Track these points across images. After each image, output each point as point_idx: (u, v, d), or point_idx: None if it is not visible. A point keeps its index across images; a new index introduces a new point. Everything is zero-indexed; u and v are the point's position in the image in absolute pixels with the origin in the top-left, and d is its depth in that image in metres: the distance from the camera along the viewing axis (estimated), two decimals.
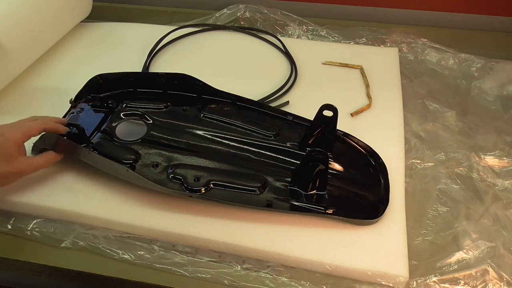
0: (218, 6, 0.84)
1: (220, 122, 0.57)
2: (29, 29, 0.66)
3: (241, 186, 0.50)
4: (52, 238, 0.49)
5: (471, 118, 0.63)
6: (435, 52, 0.74)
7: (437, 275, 0.45)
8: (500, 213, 0.50)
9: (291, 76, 0.69)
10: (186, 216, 0.49)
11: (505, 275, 0.45)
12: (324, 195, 0.50)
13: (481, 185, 0.54)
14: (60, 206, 0.50)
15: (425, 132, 0.60)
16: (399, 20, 0.82)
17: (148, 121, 0.57)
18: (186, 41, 0.77)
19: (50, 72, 0.70)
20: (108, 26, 0.81)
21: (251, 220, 0.49)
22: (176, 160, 0.52)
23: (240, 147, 0.54)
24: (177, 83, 0.61)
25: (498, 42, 0.78)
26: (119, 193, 0.51)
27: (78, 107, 0.58)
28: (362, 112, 0.62)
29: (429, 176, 0.55)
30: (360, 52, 0.74)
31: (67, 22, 0.76)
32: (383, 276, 0.45)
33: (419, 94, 0.66)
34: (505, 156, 0.58)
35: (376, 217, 0.48)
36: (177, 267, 0.46)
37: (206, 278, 0.46)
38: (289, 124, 0.57)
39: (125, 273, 0.46)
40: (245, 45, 0.76)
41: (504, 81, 0.69)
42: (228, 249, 0.48)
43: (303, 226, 0.49)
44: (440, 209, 0.52)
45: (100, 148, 0.53)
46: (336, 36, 0.78)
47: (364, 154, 0.54)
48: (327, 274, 0.46)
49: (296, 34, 0.80)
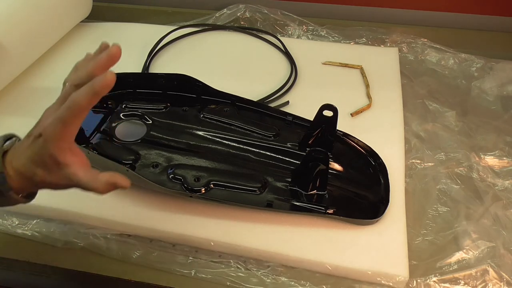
0: (218, 6, 0.84)
1: (220, 123, 0.57)
2: (29, 29, 0.66)
3: (241, 186, 0.50)
4: (52, 238, 0.49)
5: (471, 118, 0.63)
6: (435, 52, 0.73)
7: (437, 275, 0.45)
8: (500, 213, 0.50)
9: (291, 76, 0.69)
10: (186, 216, 0.49)
11: (505, 275, 0.45)
12: (324, 195, 0.50)
13: (481, 185, 0.54)
14: (60, 206, 0.50)
15: (425, 132, 0.60)
16: (399, 20, 0.82)
17: (148, 122, 0.57)
18: (186, 41, 0.77)
19: (50, 72, 0.70)
20: (108, 26, 0.81)
21: (251, 220, 0.49)
22: (176, 160, 0.52)
23: (240, 148, 0.54)
24: (177, 83, 0.61)
25: (498, 42, 0.77)
26: (119, 193, 0.51)
27: None
28: (362, 112, 0.62)
29: (429, 176, 0.55)
30: (360, 52, 0.74)
31: (67, 22, 0.76)
32: (383, 276, 0.45)
33: (419, 94, 0.66)
34: (505, 156, 0.58)
35: (376, 217, 0.48)
36: (177, 267, 0.46)
37: (206, 278, 0.46)
38: (289, 124, 0.57)
39: (125, 273, 0.46)
40: (245, 45, 0.76)
41: (504, 81, 0.69)
42: (228, 249, 0.48)
43: (303, 226, 0.49)
44: (440, 209, 0.52)
45: (100, 148, 0.53)
46: (336, 36, 0.78)
47: (364, 154, 0.54)
48: (327, 274, 0.46)
49: (296, 34, 0.80)
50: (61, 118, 0.34)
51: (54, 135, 0.34)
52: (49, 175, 0.35)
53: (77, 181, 0.36)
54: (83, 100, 0.33)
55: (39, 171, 0.35)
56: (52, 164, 0.35)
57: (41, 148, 0.34)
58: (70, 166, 0.35)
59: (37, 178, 0.36)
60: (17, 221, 0.51)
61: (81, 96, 0.33)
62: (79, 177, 0.36)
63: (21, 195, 0.37)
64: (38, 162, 0.35)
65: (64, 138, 0.34)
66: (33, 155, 0.35)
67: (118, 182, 0.37)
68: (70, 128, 0.34)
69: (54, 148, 0.34)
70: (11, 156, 0.36)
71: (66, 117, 0.34)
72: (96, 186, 0.36)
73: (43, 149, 0.34)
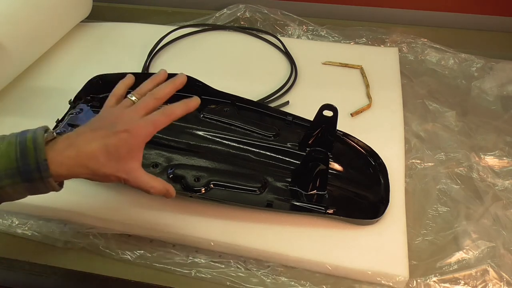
0: (218, 6, 0.84)
1: (220, 123, 0.57)
2: (29, 29, 0.66)
3: (241, 186, 0.50)
4: (52, 238, 0.49)
5: (471, 118, 0.63)
6: (435, 52, 0.74)
7: (437, 275, 0.45)
8: (500, 213, 0.50)
9: (291, 76, 0.69)
10: (186, 216, 0.49)
11: (505, 275, 0.45)
12: (324, 195, 0.50)
13: (481, 185, 0.54)
14: (60, 206, 0.50)
15: (425, 132, 0.60)
16: (399, 20, 0.82)
17: None
18: (186, 41, 0.77)
19: (50, 72, 0.70)
20: (108, 26, 0.81)
21: (251, 220, 0.49)
22: (176, 160, 0.52)
23: (240, 148, 0.54)
24: None
25: (498, 42, 0.77)
26: (119, 193, 0.52)
27: (77, 107, 0.58)
28: (362, 112, 0.62)
29: (429, 176, 0.55)
30: (360, 52, 0.74)
31: (67, 22, 0.76)
32: (383, 276, 0.45)
33: (419, 94, 0.66)
34: (505, 156, 0.58)
35: (376, 217, 0.48)
36: (177, 267, 0.46)
37: (206, 278, 0.46)
38: (289, 124, 0.57)
39: (125, 273, 0.46)
40: (245, 45, 0.76)
41: (504, 81, 0.69)
42: (228, 249, 0.48)
43: (303, 226, 0.49)
44: (440, 209, 0.52)
45: None
46: (336, 36, 0.78)
47: (364, 154, 0.54)
48: (327, 274, 0.46)
49: (296, 34, 0.80)
50: (154, 121, 0.40)
51: (143, 133, 0.40)
52: (113, 166, 0.39)
53: (137, 176, 0.41)
54: (178, 111, 0.42)
55: (105, 160, 0.39)
56: (126, 157, 0.39)
57: (124, 141, 0.39)
58: (139, 162, 0.41)
59: (96, 166, 0.39)
60: (17, 221, 0.51)
61: (178, 108, 0.42)
62: (142, 173, 0.41)
63: (57, 182, 0.39)
64: (111, 152, 0.39)
65: (148, 138, 0.41)
66: (110, 145, 0.39)
67: (170, 189, 0.43)
68: (155, 131, 0.41)
69: (137, 143, 0.40)
70: (62, 145, 0.39)
71: (160, 121, 0.41)
72: (154, 185, 0.41)
73: (125, 143, 0.39)
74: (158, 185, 0.42)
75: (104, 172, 0.39)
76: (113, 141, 0.39)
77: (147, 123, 0.40)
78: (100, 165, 0.39)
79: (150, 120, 0.41)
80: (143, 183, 0.41)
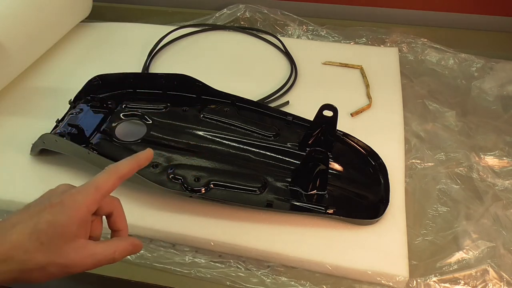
0: (218, 6, 0.84)
1: (220, 123, 0.57)
2: (29, 29, 0.66)
3: (241, 186, 0.50)
4: None
5: (471, 118, 0.63)
6: (435, 52, 0.73)
7: (437, 275, 0.45)
8: (500, 213, 0.50)
9: (291, 76, 0.69)
10: (186, 216, 0.49)
11: (505, 275, 0.45)
12: (324, 195, 0.50)
13: (481, 185, 0.54)
14: None
15: (425, 132, 0.60)
16: (399, 20, 0.82)
17: (148, 122, 0.57)
18: (186, 41, 0.77)
19: (50, 72, 0.70)
20: (108, 26, 0.81)
21: (251, 220, 0.49)
22: (176, 160, 0.52)
23: (240, 148, 0.54)
24: (177, 83, 0.61)
25: (498, 42, 0.77)
26: (118, 193, 0.51)
27: (77, 107, 0.58)
28: (362, 112, 0.62)
29: (429, 176, 0.55)
30: (360, 52, 0.74)
31: (67, 22, 0.76)
32: (383, 276, 0.45)
33: (419, 94, 0.66)
34: (505, 156, 0.58)
35: (376, 217, 0.48)
36: (177, 267, 0.46)
37: (206, 278, 0.46)
38: (289, 124, 0.57)
39: (125, 273, 0.46)
40: (245, 45, 0.76)
41: (504, 81, 0.69)
42: (228, 249, 0.48)
43: (303, 226, 0.49)
44: (440, 209, 0.52)
45: (100, 148, 0.53)
46: (336, 36, 0.78)
47: (364, 154, 0.54)
48: (327, 274, 0.46)
49: (296, 34, 0.80)
50: (96, 183, 0.33)
51: (83, 200, 0.32)
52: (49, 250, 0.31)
53: (89, 253, 0.32)
54: (125, 169, 0.35)
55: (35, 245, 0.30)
56: (65, 235, 0.31)
57: (59, 215, 0.31)
58: (85, 236, 0.33)
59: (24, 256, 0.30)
60: None
61: (124, 166, 0.35)
62: (92, 246, 0.33)
63: None
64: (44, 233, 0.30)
65: (93, 206, 0.33)
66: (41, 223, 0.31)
67: (135, 241, 0.35)
68: (100, 196, 0.33)
69: (78, 215, 0.32)
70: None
71: (102, 182, 0.34)
72: (116, 248, 0.34)
73: (61, 216, 0.31)
74: (121, 245, 0.34)
75: (37, 262, 0.30)
76: (45, 217, 0.31)
77: (87, 187, 0.33)
78: (30, 254, 0.30)
79: (90, 183, 0.33)
80: (101, 255, 0.32)
